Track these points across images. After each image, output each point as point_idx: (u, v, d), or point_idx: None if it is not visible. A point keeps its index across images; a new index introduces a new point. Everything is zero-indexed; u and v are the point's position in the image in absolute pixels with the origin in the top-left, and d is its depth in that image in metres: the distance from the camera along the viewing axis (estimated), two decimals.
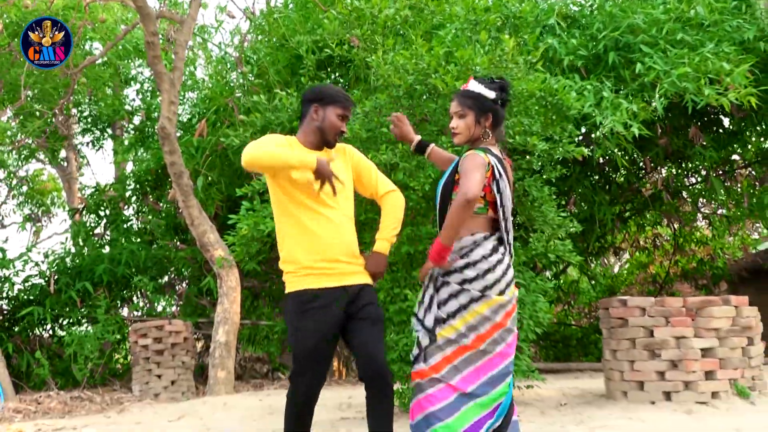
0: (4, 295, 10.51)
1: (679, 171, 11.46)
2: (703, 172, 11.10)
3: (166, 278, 11.73)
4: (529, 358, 5.57)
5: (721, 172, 11.18)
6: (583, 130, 7.83)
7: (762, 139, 10.82)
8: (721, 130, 10.51)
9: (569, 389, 6.79)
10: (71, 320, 10.29)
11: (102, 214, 11.78)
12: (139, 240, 11.35)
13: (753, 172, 11.28)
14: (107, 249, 11.27)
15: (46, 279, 10.43)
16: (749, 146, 10.97)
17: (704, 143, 9.65)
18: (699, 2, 7.15)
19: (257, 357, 12.05)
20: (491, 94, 3.17)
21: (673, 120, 9.63)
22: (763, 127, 10.16)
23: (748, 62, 7.12)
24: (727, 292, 12.86)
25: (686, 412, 5.23)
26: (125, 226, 11.68)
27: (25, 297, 10.38)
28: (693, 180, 11.89)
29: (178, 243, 11.08)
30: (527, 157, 5.57)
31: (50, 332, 10.79)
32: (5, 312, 10.44)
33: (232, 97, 8.33)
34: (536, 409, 5.90)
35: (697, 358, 5.41)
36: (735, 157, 11.28)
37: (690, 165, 11.27)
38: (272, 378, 10.92)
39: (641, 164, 10.85)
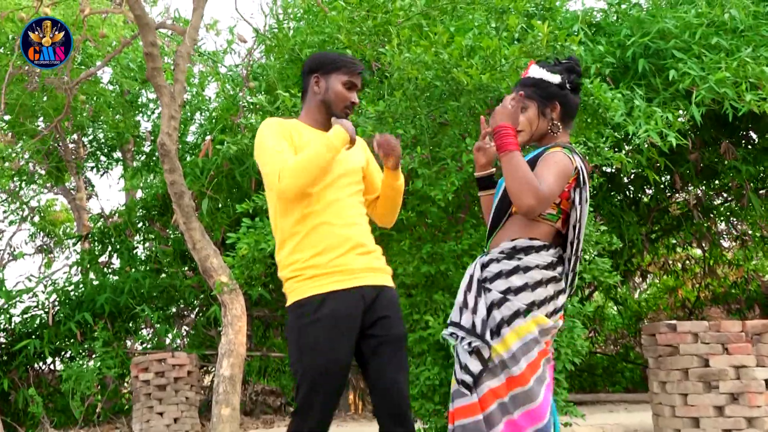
0: (1, 327, 10.00)
1: (710, 189, 10.95)
2: (733, 190, 10.55)
3: (174, 309, 11.26)
4: (566, 392, 4.97)
5: (753, 189, 10.62)
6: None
7: None
8: (749, 146, 10.02)
9: (610, 426, 6.18)
10: (71, 354, 9.78)
11: (107, 241, 11.32)
12: (146, 268, 10.87)
13: None
14: (114, 278, 10.79)
15: (46, 311, 9.94)
16: None
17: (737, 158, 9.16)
18: (732, 5, 6.72)
19: (270, 390, 11.50)
20: (555, 78, 2.56)
21: (703, 134, 9.17)
22: None
23: None
24: (760, 316, 12.27)
25: None
26: (131, 253, 11.21)
27: (23, 329, 9.87)
28: (722, 198, 11.36)
29: (187, 271, 10.59)
30: None
31: (50, 367, 10.28)
32: (2, 345, 9.93)
33: (239, 113, 7.86)
34: None
35: (761, 390, 4.84)
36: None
37: (720, 182, 10.75)
38: (285, 412, 10.37)
39: (671, 181, 10.35)
